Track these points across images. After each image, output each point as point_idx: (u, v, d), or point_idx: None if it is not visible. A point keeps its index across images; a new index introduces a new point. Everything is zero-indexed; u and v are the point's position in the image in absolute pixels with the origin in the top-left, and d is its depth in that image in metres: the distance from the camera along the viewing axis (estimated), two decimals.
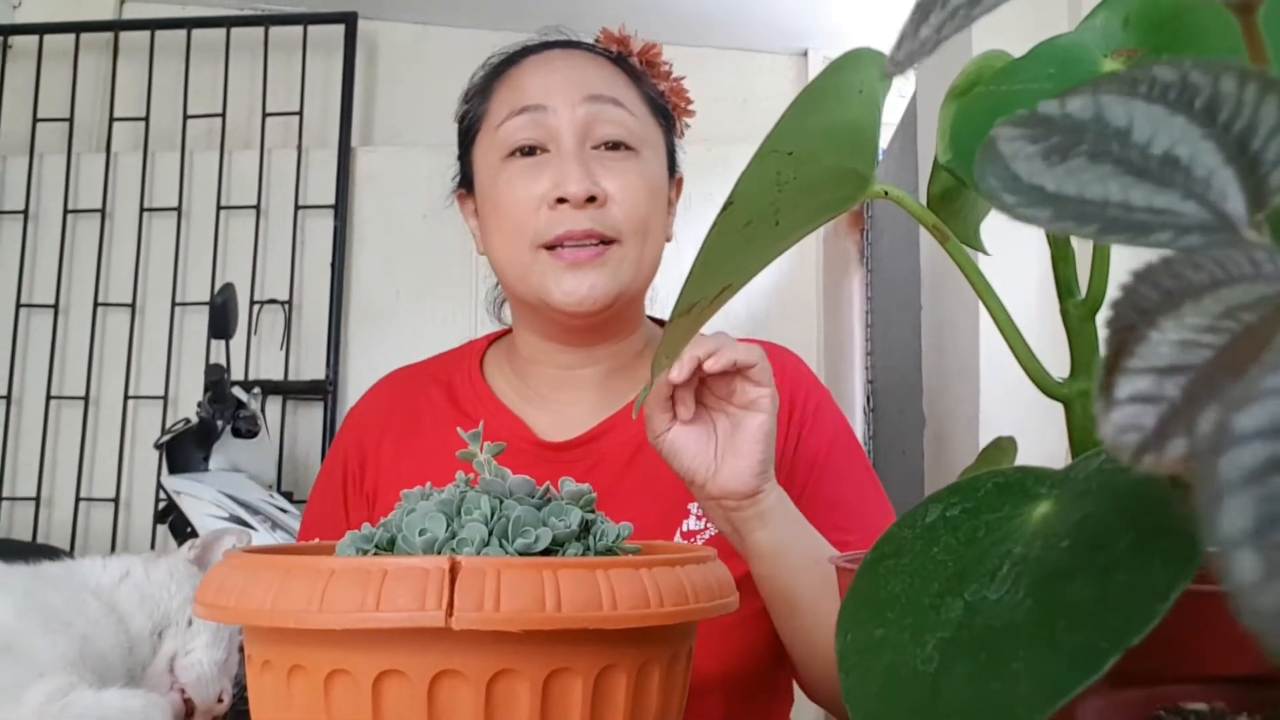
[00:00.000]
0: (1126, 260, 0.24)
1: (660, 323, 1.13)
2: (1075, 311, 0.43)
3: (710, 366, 0.79)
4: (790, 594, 0.86)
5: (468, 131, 1.06)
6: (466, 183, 1.07)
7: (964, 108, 0.45)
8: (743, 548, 0.85)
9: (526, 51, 1.05)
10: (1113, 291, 0.23)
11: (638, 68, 1.05)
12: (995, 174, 0.28)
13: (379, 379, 1.14)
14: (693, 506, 0.98)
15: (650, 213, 0.99)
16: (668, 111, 1.06)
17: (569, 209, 0.95)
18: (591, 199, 0.95)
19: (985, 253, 0.55)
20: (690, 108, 1.08)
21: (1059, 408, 0.43)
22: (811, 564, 0.84)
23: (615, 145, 0.98)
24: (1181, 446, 0.19)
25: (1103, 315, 0.36)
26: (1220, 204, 0.25)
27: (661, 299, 1.10)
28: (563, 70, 1.01)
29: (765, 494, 0.82)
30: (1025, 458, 0.49)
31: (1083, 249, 0.45)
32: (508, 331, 1.12)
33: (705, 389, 0.83)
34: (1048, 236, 0.44)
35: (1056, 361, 0.42)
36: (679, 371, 0.79)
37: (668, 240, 1.06)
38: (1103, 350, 0.22)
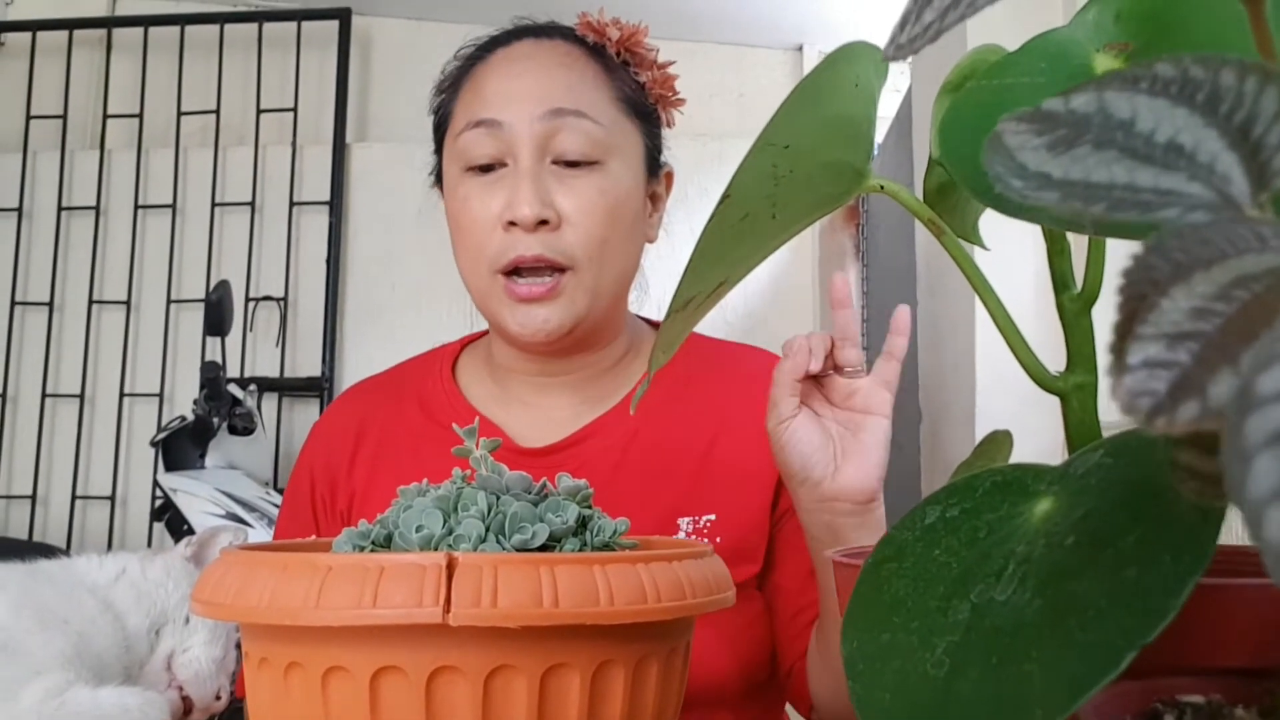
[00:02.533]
0: (1122, 254, 0.24)
1: (649, 322, 1.10)
2: (1071, 305, 0.43)
3: (844, 359, 0.82)
4: None
5: (438, 128, 1.02)
6: (439, 179, 1.04)
7: (956, 103, 0.45)
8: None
9: (495, 44, 1.00)
10: (1109, 285, 0.23)
11: (615, 60, 0.99)
12: (1002, 162, 0.28)
13: (341, 392, 1.11)
14: (683, 521, 0.95)
15: (609, 234, 0.94)
16: (645, 109, 1.00)
17: (521, 232, 0.92)
18: (544, 222, 0.92)
19: (985, 247, 0.55)
20: (678, 98, 1.01)
21: (1055, 401, 0.43)
22: None
23: (574, 163, 0.93)
24: (1193, 410, 0.20)
25: (1102, 303, 0.36)
26: (1224, 186, 0.25)
27: (655, 297, 1.09)
28: (527, 75, 0.96)
29: (879, 501, 0.82)
30: (1021, 451, 0.49)
31: (1078, 243, 0.45)
32: (483, 334, 1.09)
33: (819, 394, 0.84)
34: (1044, 230, 0.44)
35: (1053, 355, 0.42)
36: (816, 363, 0.81)
37: (650, 241, 1.02)
38: (1116, 318, 0.22)
